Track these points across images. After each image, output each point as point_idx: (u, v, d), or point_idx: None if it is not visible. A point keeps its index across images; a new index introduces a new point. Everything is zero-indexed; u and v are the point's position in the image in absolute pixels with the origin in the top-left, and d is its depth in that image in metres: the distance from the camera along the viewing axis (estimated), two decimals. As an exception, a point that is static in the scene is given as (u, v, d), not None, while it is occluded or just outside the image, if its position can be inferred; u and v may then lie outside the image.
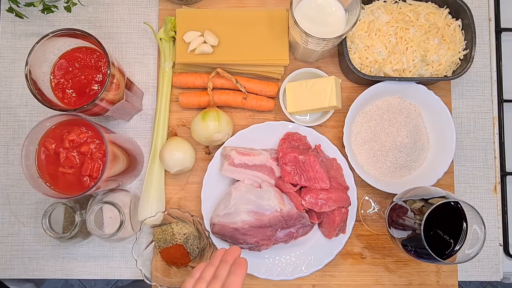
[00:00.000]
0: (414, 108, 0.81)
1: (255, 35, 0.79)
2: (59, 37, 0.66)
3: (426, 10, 0.78)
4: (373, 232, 0.82)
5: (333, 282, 0.81)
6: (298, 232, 0.77)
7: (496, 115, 0.85)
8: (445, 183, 0.82)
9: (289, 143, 0.77)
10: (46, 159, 0.67)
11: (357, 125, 0.81)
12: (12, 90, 0.83)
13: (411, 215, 0.63)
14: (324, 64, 0.84)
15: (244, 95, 0.80)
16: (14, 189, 0.82)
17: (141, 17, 0.85)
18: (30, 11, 0.84)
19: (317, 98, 0.76)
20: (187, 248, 0.77)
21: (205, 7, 0.84)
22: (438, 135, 0.80)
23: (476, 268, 0.82)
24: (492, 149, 0.85)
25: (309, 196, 0.74)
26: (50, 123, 0.67)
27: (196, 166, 0.82)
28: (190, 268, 0.77)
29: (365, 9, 0.78)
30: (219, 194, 0.78)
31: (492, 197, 0.84)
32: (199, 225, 0.77)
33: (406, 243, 0.65)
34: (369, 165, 0.80)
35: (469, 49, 0.77)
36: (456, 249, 0.64)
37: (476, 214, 0.61)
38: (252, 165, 0.76)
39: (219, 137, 0.76)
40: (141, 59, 0.85)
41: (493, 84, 0.86)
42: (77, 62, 0.69)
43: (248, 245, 0.74)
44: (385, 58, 0.77)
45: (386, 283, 0.81)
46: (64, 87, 0.69)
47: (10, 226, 0.81)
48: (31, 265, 0.81)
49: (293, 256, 0.78)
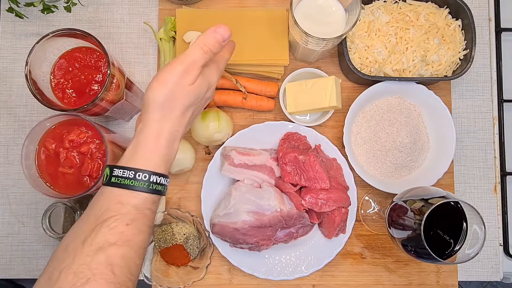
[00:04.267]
0: (414, 108, 0.81)
1: (255, 35, 0.79)
2: (59, 37, 0.66)
3: (426, 10, 0.78)
4: (373, 232, 0.82)
5: (333, 282, 0.81)
6: (298, 232, 0.77)
7: (496, 115, 0.85)
8: (445, 183, 0.82)
9: (289, 143, 0.77)
10: (46, 159, 0.67)
11: (357, 125, 0.81)
12: (12, 90, 0.83)
13: (411, 215, 0.63)
14: (324, 64, 0.84)
15: (244, 95, 0.80)
16: (14, 189, 0.82)
17: (141, 17, 0.85)
18: (30, 11, 0.84)
19: (317, 98, 0.76)
20: (187, 248, 0.77)
21: (205, 7, 0.84)
22: (438, 135, 0.80)
23: (476, 268, 0.82)
24: (492, 149, 0.85)
25: (309, 196, 0.74)
26: (50, 123, 0.67)
27: (196, 166, 0.82)
28: (190, 268, 0.78)
29: (365, 9, 0.78)
30: (219, 194, 0.78)
31: (492, 197, 0.84)
32: (199, 225, 0.77)
33: (406, 243, 0.65)
34: (369, 165, 0.80)
35: (469, 49, 0.77)
36: (456, 249, 0.64)
37: (476, 214, 0.61)
38: (252, 165, 0.76)
39: (219, 137, 0.76)
40: (141, 59, 0.85)
41: (493, 84, 0.86)
42: (77, 62, 0.69)
43: (248, 245, 0.74)
44: (385, 58, 0.77)
45: (386, 283, 0.81)
46: (64, 87, 0.69)
47: (10, 226, 0.81)
48: (31, 265, 0.81)
49: (293, 256, 0.78)
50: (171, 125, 0.53)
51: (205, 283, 0.80)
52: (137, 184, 0.50)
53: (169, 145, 0.54)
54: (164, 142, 0.53)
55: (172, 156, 0.55)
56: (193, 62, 0.53)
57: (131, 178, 0.50)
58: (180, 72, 0.52)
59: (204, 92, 0.56)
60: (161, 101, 0.52)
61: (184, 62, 0.53)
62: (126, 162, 0.52)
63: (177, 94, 0.53)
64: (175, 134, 0.54)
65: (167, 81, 0.52)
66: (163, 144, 0.53)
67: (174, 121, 0.54)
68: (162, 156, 0.53)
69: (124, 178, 0.50)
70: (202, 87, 0.55)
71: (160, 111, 0.53)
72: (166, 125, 0.53)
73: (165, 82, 0.52)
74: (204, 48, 0.53)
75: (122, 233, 0.49)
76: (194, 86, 0.54)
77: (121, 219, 0.49)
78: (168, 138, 0.53)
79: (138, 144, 0.52)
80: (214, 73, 0.58)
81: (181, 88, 0.53)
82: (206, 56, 0.54)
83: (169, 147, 0.54)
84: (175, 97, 0.53)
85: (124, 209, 0.50)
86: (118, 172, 0.51)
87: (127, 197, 0.50)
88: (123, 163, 0.52)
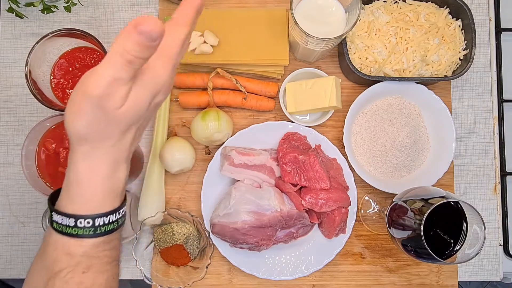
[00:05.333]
0: (414, 108, 0.81)
1: (255, 35, 0.79)
2: (59, 37, 0.66)
3: (426, 10, 0.78)
4: (373, 232, 0.82)
5: (333, 282, 0.81)
6: (298, 232, 0.77)
7: (496, 115, 0.85)
8: (445, 183, 0.82)
9: (289, 143, 0.77)
10: (46, 159, 0.67)
11: (357, 125, 0.81)
12: (12, 90, 0.83)
13: (411, 215, 0.63)
14: (324, 64, 0.84)
15: (244, 95, 0.80)
16: (14, 189, 0.82)
17: (141, 17, 0.85)
18: (30, 11, 0.84)
19: (317, 98, 0.76)
20: (187, 248, 0.77)
21: (205, 7, 0.83)
22: (438, 135, 0.80)
23: (476, 268, 0.82)
24: (492, 149, 0.85)
25: (309, 196, 0.74)
26: (50, 123, 0.67)
27: (196, 166, 0.82)
28: (190, 268, 0.78)
29: (365, 9, 0.78)
30: (219, 194, 0.78)
31: (492, 197, 0.84)
32: (199, 225, 0.77)
33: (406, 243, 0.65)
34: (369, 165, 0.80)
35: (469, 49, 0.77)
36: (456, 249, 0.64)
37: (476, 214, 0.61)
38: (252, 165, 0.76)
39: (219, 137, 0.76)
40: (141, 59, 0.84)
41: (493, 84, 0.86)
42: (77, 62, 0.69)
43: (248, 245, 0.74)
44: (385, 58, 0.77)
45: (386, 283, 0.81)
46: (64, 87, 0.69)
47: (10, 226, 0.81)
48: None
49: (293, 256, 0.78)
50: (105, 156, 0.42)
51: (205, 283, 0.80)
52: (80, 232, 0.42)
53: (110, 176, 0.43)
54: (102, 176, 0.43)
55: (119, 185, 0.44)
56: (113, 81, 0.37)
57: (72, 226, 0.42)
58: (97, 99, 0.37)
59: (146, 106, 0.41)
60: (83, 134, 0.40)
61: (100, 84, 0.37)
62: (65, 204, 0.43)
63: (103, 123, 0.39)
64: (114, 162, 0.43)
65: (83, 111, 0.39)
66: (101, 179, 0.43)
67: (109, 150, 0.42)
68: (104, 192, 0.43)
69: (64, 226, 0.42)
70: (140, 103, 0.40)
71: (86, 144, 0.41)
72: (99, 158, 0.42)
73: (81, 112, 0.39)
74: (125, 56, 0.36)
75: (81, 283, 0.43)
76: (125, 108, 0.39)
77: (75, 270, 0.42)
78: (106, 171, 0.43)
79: (70, 184, 0.43)
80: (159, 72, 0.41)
81: (105, 115, 0.39)
82: (130, 66, 0.37)
83: (110, 178, 0.43)
84: (101, 126, 0.40)
85: (73, 261, 0.43)
86: (58, 218, 0.43)
87: (74, 246, 0.43)
88: (61, 206, 0.43)
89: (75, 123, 0.40)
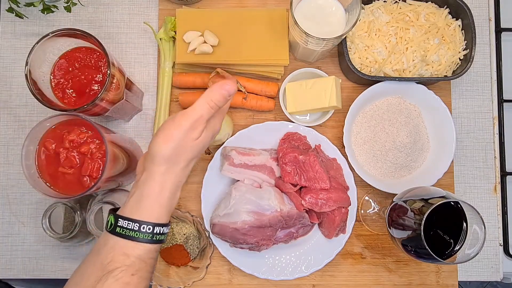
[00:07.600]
0: (414, 108, 0.81)
1: (255, 35, 0.79)
2: (59, 37, 0.66)
3: (426, 10, 0.78)
4: (373, 232, 0.82)
5: (333, 282, 0.81)
6: (298, 232, 0.77)
7: (496, 115, 0.85)
8: (445, 183, 0.82)
9: (289, 143, 0.77)
10: (46, 159, 0.67)
11: (357, 125, 0.81)
12: (12, 90, 0.83)
13: (411, 215, 0.63)
14: (324, 64, 0.84)
15: (244, 95, 0.80)
16: (14, 189, 0.82)
17: (141, 17, 0.85)
18: (30, 11, 0.84)
19: (317, 98, 0.76)
20: (187, 248, 0.77)
21: (205, 7, 0.84)
22: (438, 135, 0.80)
23: (476, 268, 0.82)
24: (492, 149, 0.85)
25: (309, 196, 0.74)
26: (50, 123, 0.67)
27: (196, 166, 0.82)
28: (190, 268, 0.78)
29: (365, 9, 0.78)
30: (219, 194, 0.78)
31: (492, 197, 0.84)
32: (199, 225, 0.77)
33: (406, 243, 0.65)
34: (369, 165, 0.80)
35: (469, 49, 0.77)
36: (456, 249, 0.64)
37: (476, 214, 0.61)
38: (252, 165, 0.76)
39: (219, 137, 0.76)
40: (141, 59, 0.85)
41: (493, 84, 0.86)
42: (77, 62, 0.69)
43: (248, 245, 0.74)
44: (385, 58, 0.77)
45: (386, 283, 0.81)
46: (64, 87, 0.68)
47: (10, 226, 0.81)
48: (31, 265, 0.81)
49: (293, 256, 0.78)
50: (174, 177, 0.55)
51: (205, 283, 0.80)
52: (141, 236, 0.52)
53: (172, 196, 0.56)
54: (168, 194, 0.55)
55: (174, 205, 0.57)
56: (200, 118, 0.54)
57: (136, 230, 0.52)
58: (186, 129, 0.53)
59: (208, 143, 0.58)
60: (166, 156, 0.53)
61: (190, 118, 0.53)
62: (130, 212, 0.54)
63: (182, 149, 0.54)
64: (178, 185, 0.56)
65: (173, 137, 0.53)
66: (167, 196, 0.55)
67: (178, 173, 0.55)
68: (165, 207, 0.55)
69: (128, 229, 0.52)
70: (207, 139, 0.57)
71: (165, 165, 0.54)
72: (170, 178, 0.55)
73: (171, 138, 0.53)
74: (211, 103, 0.54)
75: (128, 283, 0.51)
76: (199, 140, 0.55)
77: (127, 270, 0.51)
78: (172, 190, 0.55)
79: (142, 196, 0.54)
80: (218, 122, 0.59)
81: (186, 143, 0.54)
82: (212, 111, 0.55)
83: (172, 198, 0.56)
84: (180, 151, 0.54)
85: (128, 261, 0.52)
86: (123, 223, 0.53)
87: (132, 248, 0.52)
88: (127, 213, 0.54)
89: (163, 146, 0.53)
